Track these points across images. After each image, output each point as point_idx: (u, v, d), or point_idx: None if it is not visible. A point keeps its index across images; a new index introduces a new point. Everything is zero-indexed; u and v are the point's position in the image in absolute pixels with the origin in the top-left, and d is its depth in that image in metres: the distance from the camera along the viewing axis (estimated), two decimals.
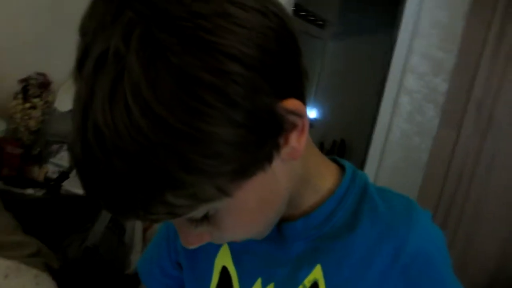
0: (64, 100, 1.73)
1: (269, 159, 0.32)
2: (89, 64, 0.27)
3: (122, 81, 0.26)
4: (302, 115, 0.32)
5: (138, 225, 1.66)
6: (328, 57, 3.58)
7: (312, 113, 3.60)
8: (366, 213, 0.43)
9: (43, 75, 1.73)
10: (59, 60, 1.48)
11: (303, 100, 0.33)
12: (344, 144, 3.35)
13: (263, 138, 0.30)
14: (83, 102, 0.27)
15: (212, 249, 0.49)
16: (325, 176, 0.45)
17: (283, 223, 0.44)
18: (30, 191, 1.58)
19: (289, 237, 0.44)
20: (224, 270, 0.48)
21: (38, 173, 1.65)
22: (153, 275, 0.58)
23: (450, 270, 0.43)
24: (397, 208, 0.43)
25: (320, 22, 3.46)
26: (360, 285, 0.41)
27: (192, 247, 0.38)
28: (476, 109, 1.45)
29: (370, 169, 1.72)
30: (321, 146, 3.52)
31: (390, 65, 1.73)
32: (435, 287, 0.42)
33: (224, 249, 0.48)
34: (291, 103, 0.31)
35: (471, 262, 1.44)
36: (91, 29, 0.27)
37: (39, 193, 1.59)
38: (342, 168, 0.47)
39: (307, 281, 0.43)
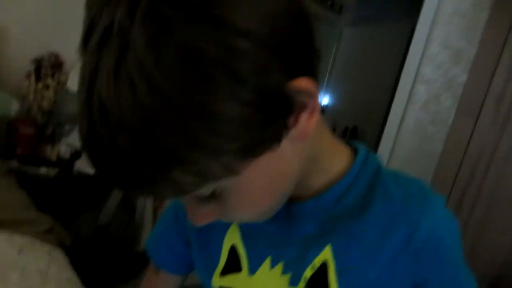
0: (77, 81, 1.74)
1: (277, 139, 0.32)
2: (94, 39, 0.26)
3: (126, 56, 0.25)
4: (313, 95, 0.31)
5: (148, 205, 1.69)
6: (343, 44, 3.51)
7: (325, 99, 3.56)
8: (378, 196, 0.42)
9: (55, 55, 1.73)
10: (71, 40, 1.48)
11: (315, 80, 0.32)
12: (356, 131, 3.31)
13: (271, 118, 0.29)
14: (88, 78, 0.27)
15: (221, 227, 0.49)
16: (336, 158, 0.44)
17: (292, 203, 0.43)
18: (43, 170, 1.60)
19: (298, 217, 0.44)
20: (233, 249, 0.48)
21: (51, 152, 1.67)
22: (161, 253, 0.59)
23: (462, 257, 0.43)
24: (410, 192, 0.42)
25: (338, 8, 3.38)
26: (370, 267, 0.41)
27: (199, 225, 0.38)
28: (495, 101, 1.41)
29: (381, 157, 1.70)
30: (332, 132, 3.48)
31: (408, 53, 1.68)
32: (446, 272, 0.42)
33: (233, 227, 0.48)
34: (302, 83, 0.30)
35: (480, 253, 1.42)
36: (97, 3, 0.27)
37: (52, 172, 1.61)
38: (355, 150, 0.46)
39: (317, 261, 0.42)
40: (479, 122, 1.44)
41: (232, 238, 0.48)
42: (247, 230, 0.48)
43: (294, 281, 0.44)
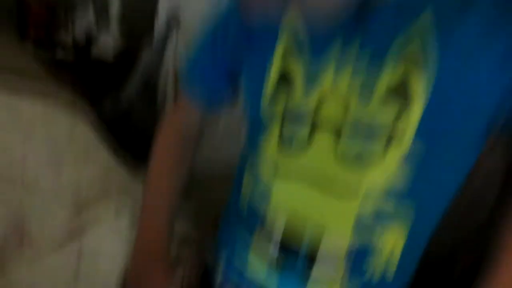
0: None
1: None
2: None
3: None
4: None
5: (169, 93, 1.66)
6: None
7: None
8: None
9: None
10: None
11: None
12: None
13: None
14: None
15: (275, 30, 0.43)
16: None
17: (367, 7, 0.36)
18: (60, 54, 1.56)
19: (374, 20, 0.36)
20: (286, 61, 0.42)
21: (65, 37, 1.61)
22: (198, 81, 0.56)
23: None
24: None
25: None
26: (470, 69, 0.34)
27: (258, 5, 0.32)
28: None
29: None
30: None
31: None
32: None
33: (287, 31, 0.42)
34: None
35: None
36: None
37: (69, 57, 1.57)
38: None
39: (394, 74, 0.35)
40: None
41: (284, 43, 0.42)
42: (309, 28, 0.41)
43: (364, 91, 0.37)
